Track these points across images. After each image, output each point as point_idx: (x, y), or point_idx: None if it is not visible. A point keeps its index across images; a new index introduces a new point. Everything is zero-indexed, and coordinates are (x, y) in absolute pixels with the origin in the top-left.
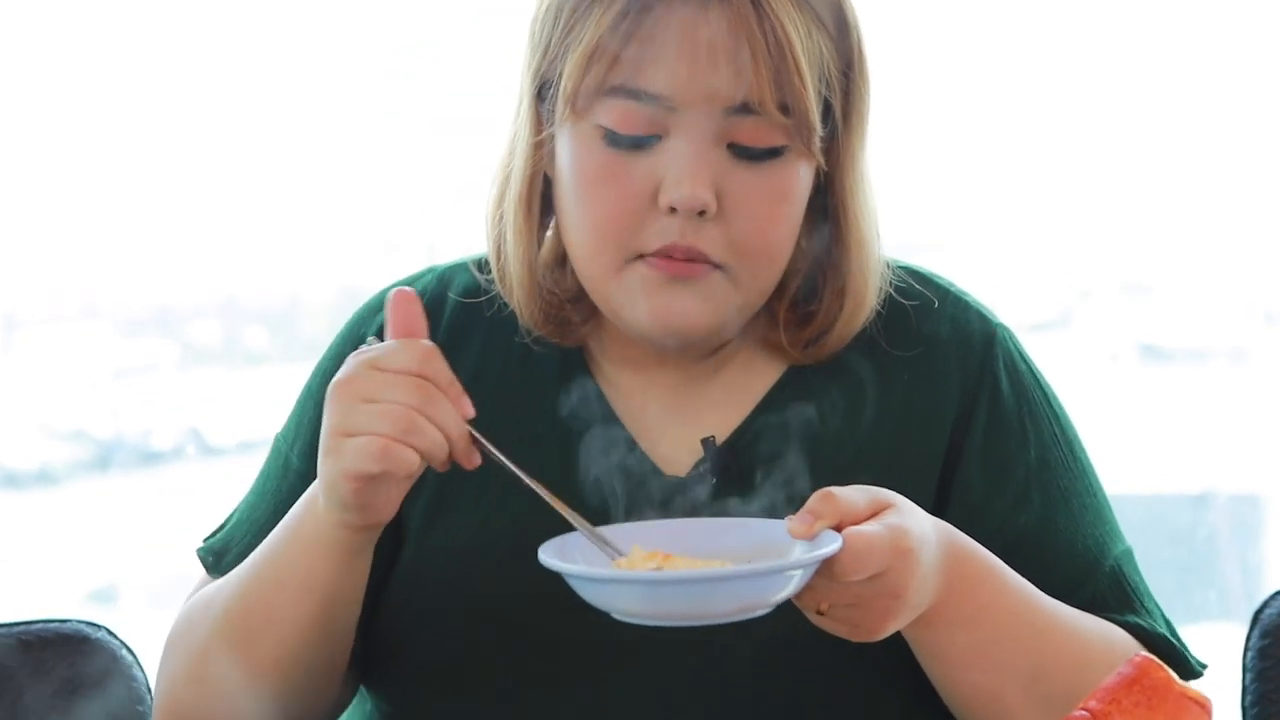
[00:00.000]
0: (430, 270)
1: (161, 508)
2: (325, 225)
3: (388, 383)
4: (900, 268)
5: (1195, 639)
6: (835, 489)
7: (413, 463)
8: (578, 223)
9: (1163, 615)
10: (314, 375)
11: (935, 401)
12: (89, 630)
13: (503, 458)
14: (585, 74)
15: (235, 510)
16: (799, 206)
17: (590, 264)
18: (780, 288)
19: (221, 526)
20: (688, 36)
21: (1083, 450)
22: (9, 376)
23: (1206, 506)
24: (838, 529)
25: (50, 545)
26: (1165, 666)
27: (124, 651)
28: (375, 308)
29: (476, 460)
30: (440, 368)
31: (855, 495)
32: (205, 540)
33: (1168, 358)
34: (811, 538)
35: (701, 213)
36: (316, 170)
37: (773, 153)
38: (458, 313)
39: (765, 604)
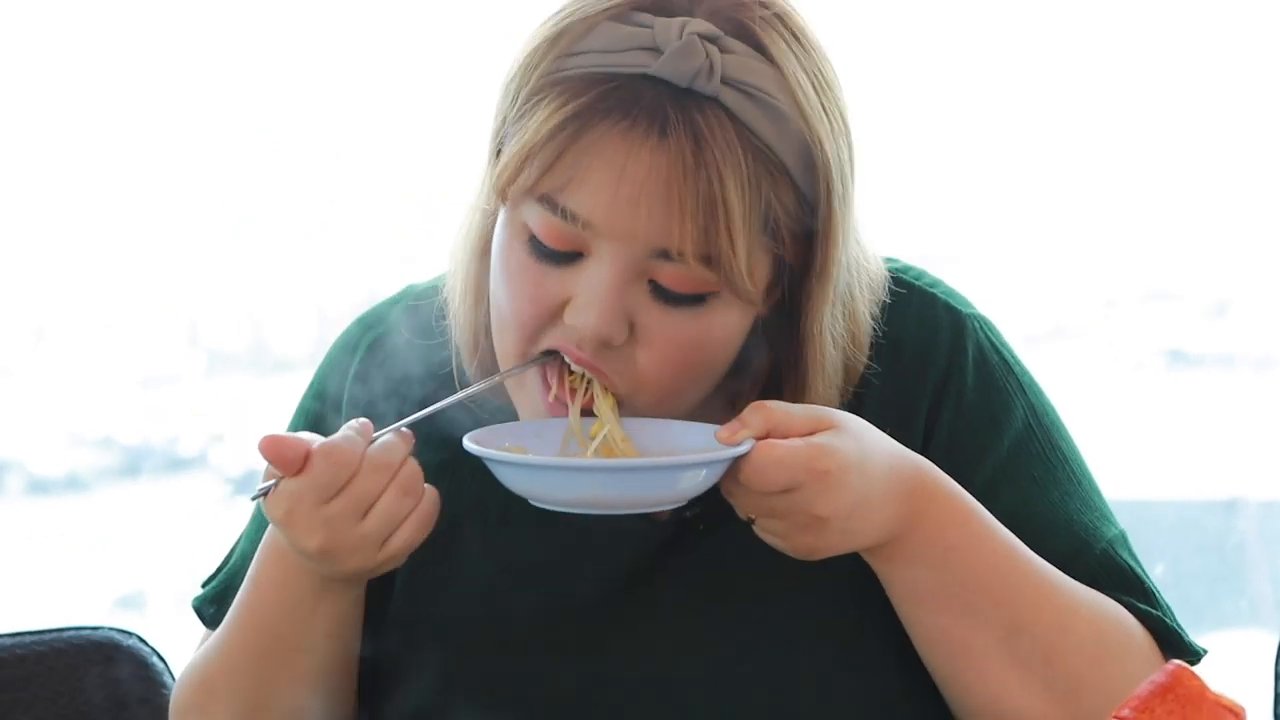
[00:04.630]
0: (407, 291)
1: (188, 514)
2: (350, 233)
3: (356, 495)
4: (891, 269)
5: (1225, 647)
6: (771, 401)
7: (431, 512)
8: (494, 301)
9: (1159, 596)
10: (296, 415)
11: (906, 407)
12: (120, 638)
13: (410, 419)
14: (518, 173)
15: (231, 553)
16: (724, 348)
17: (499, 343)
18: (734, 394)
19: (219, 570)
20: (616, 169)
21: (1064, 436)
22: (37, 384)
23: (1235, 513)
24: (765, 439)
25: (78, 551)
26: (1199, 675)
27: (155, 659)
28: (350, 345)
29: (410, 441)
30: (339, 454)
31: (793, 410)
32: (203, 586)
33: (1194, 364)
34: (735, 444)
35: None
36: (339, 179)
37: (696, 299)
38: (430, 351)
39: (667, 499)
